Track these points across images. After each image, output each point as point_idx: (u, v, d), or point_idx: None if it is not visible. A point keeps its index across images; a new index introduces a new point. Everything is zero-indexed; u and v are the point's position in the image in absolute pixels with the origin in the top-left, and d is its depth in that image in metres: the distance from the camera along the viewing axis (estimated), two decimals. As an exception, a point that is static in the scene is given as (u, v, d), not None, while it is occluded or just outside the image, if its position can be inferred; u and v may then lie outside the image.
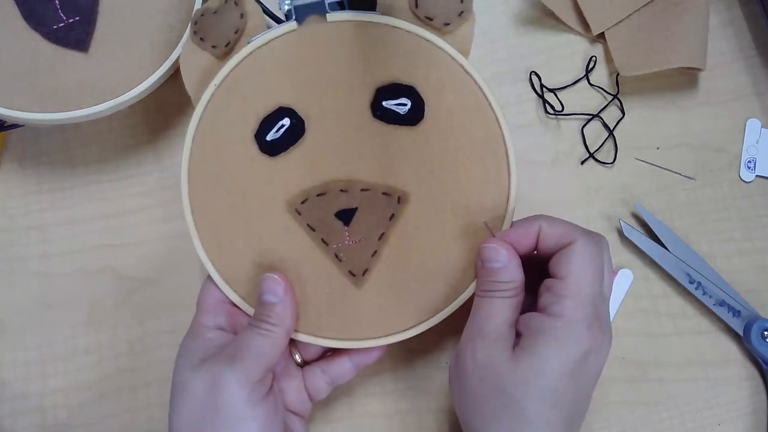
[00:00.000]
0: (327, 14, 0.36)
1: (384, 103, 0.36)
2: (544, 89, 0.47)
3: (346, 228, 0.36)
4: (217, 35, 0.36)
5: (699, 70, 0.45)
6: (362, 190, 0.36)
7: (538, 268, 0.35)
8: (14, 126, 0.43)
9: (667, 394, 0.42)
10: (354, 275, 0.36)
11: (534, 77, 0.47)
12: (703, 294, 0.43)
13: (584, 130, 0.46)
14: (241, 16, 0.36)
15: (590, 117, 0.46)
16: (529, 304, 0.34)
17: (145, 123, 0.45)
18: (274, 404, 0.34)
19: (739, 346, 0.43)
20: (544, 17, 0.48)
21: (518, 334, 0.33)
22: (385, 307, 0.36)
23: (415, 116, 0.36)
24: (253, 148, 0.36)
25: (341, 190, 0.36)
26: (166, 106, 0.45)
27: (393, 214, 0.36)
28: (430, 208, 0.36)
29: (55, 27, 0.39)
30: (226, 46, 0.36)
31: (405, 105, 0.36)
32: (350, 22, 0.36)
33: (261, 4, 0.44)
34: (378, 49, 0.36)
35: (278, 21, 0.44)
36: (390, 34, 0.36)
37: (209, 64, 0.37)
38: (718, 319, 0.43)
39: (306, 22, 0.36)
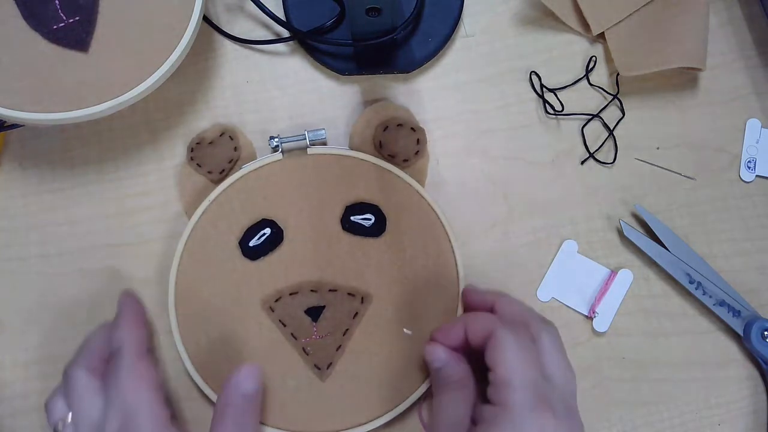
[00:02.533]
0: (308, 149, 0.43)
1: (351, 218, 0.42)
2: (544, 89, 0.47)
3: (314, 324, 0.40)
4: (213, 164, 0.42)
5: (699, 70, 0.45)
6: (330, 290, 0.41)
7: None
8: (14, 126, 0.43)
9: (667, 394, 0.42)
10: (319, 368, 0.40)
11: (534, 77, 0.47)
12: (703, 294, 0.43)
13: (584, 130, 0.46)
14: (235, 149, 0.43)
15: (590, 117, 0.46)
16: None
17: (145, 123, 0.45)
18: None
19: (739, 346, 0.43)
20: (544, 17, 0.48)
21: (475, 424, 0.34)
22: (348, 401, 0.39)
23: (378, 229, 0.42)
24: (237, 253, 0.41)
25: (311, 290, 0.41)
26: (166, 106, 0.45)
27: (357, 312, 0.41)
28: (390, 308, 0.41)
29: (55, 27, 0.39)
30: (221, 173, 0.42)
31: (369, 219, 0.42)
32: (325, 154, 0.43)
33: (261, 4, 0.44)
34: (348, 174, 0.42)
35: (277, 20, 0.44)
36: (357, 163, 0.43)
37: (204, 185, 0.42)
38: (718, 319, 0.43)
39: (290, 155, 0.43)
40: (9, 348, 0.42)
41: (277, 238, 0.41)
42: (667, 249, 0.43)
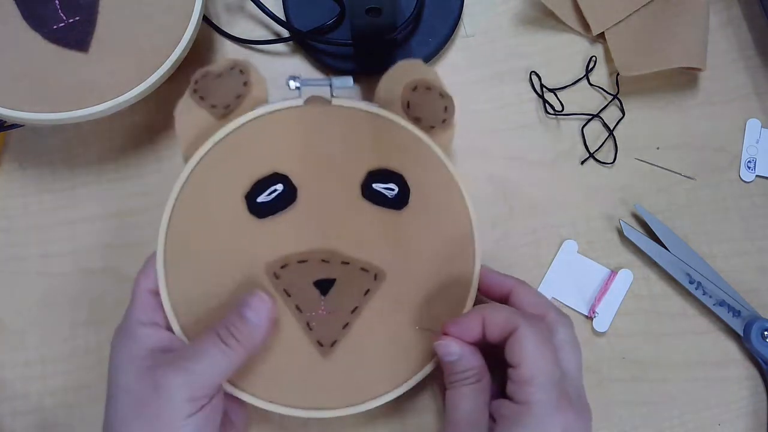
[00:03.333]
0: (332, 98, 0.38)
1: (373, 185, 0.38)
2: (544, 89, 0.47)
3: (322, 297, 0.37)
4: (218, 97, 0.37)
5: (699, 70, 0.45)
6: (342, 263, 0.37)
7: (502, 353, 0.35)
8: (14, 126, 0.43)
9: (667, 394, 0.42)
10: (322, 345, 0.36)
11: (534, 77, 0.47)
12: (703, 294, 0.43)
13: (584, 130, 0.46)
14: (245, 84, 0.38)
15: (590, 117, 0.46)
16: (500, 388, 0.34)
17: (145, 123, 0.45)
18: (215, 415, 0.33)
19: (739, 346, 0.43)
20: (544, 17, 0.48)
21: (493, 420, 0.33)
22: (349, 381, 0.36)
23: (400, 202, 0.38)
24: (242, 207, 0.37)
25: (322, 260, 0.37)
26: (166, 106, 0.45)
27: (368, 290, 0.37)
28: (404, 288, 0.38)
29: (55, 27, 0.39)
30: (226, 108, 0.38)
31: (393, 190, 0.38)
32: (351, 108, 0.39)
33: (261, 4, 0.44)
34: (374, 135, 0.39)
35: (277, 20, 0.44)
36: (386, 125, 0.39)
37: (206, 122, 0.38)
38: (718, 319, 0.43)
39: (310, 101, 0.38)
40: (9, 348, 0.42)
41: (289, 196, 0.37)
42: (667, 249, 0.43)
